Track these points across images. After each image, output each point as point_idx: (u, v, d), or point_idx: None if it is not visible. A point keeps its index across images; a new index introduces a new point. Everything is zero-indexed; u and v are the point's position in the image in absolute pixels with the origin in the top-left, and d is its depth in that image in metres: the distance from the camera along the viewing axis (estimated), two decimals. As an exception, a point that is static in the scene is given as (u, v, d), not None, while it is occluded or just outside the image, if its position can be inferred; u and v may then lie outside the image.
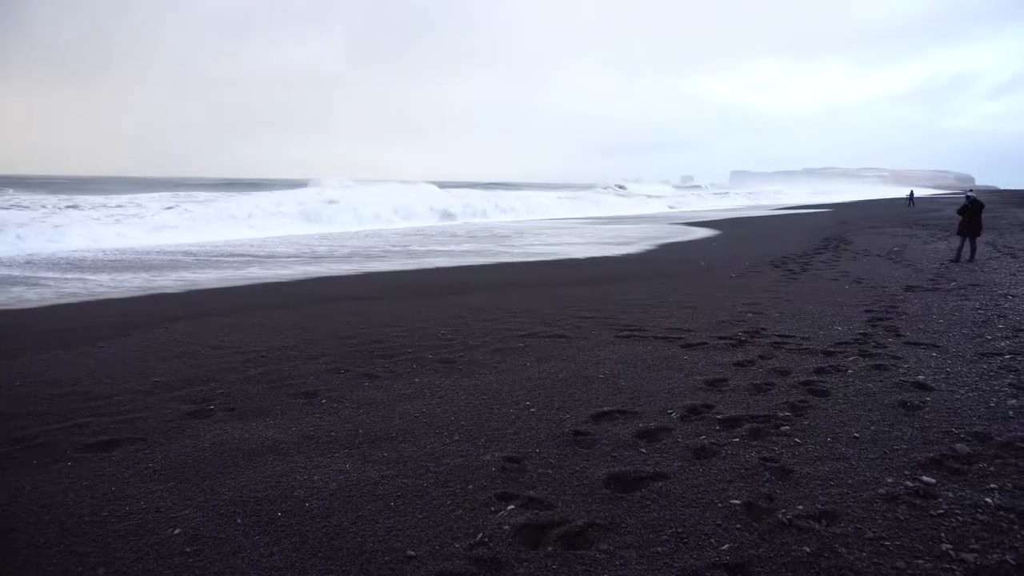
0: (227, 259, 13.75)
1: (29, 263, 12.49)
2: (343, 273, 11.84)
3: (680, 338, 6.42)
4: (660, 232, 22.15)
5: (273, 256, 14.22)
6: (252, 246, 16.26)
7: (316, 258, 14.06)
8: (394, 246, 16.61)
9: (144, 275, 11.44)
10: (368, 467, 3.63)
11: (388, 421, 4.31)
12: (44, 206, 24.50)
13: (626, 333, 6.66)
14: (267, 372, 5.36)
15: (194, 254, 14.28)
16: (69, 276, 11.18)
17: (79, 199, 28.87)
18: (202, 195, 34.10)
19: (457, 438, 4.02)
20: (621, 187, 65.41)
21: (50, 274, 11.31)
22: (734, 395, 4.73)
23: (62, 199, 29.03)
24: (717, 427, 4.14)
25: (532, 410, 4.46)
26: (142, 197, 31.19)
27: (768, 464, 3.61)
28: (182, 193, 35.83)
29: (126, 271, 11.84)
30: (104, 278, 11.07)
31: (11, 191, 37.39)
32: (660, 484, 3.41)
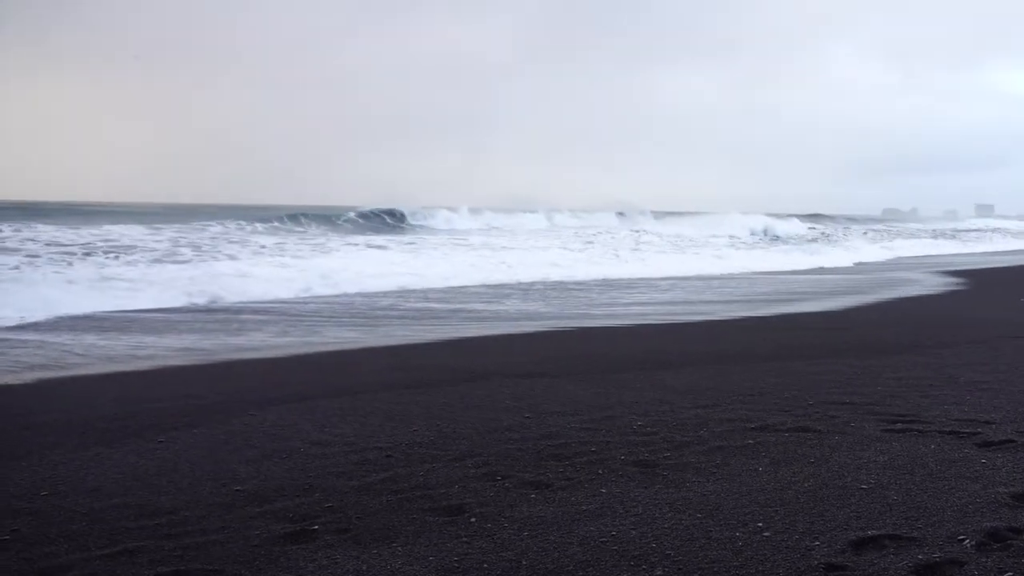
0: (349, 317, 14.06)
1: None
2: (497, 333, 11.92)
3: (975, 433, 6.01)
4: (944, 283, 21.13)
5: (409, 315, 14.46)
6: (378, 298, 16.59)
7: (464, 318, 14.22)
8: (573, 301, 16.60)
9: (224, 338, 11.64)
10: (535, 613, 3.45)
11: (563, 549, 4.15)
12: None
13: (899, 426, 6.29)
14: (393, 478, 5.29)
15: (300, 312, 14.67)
16: (120, 339, 11.45)
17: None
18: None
19: (660, 573, 3.83)
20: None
21: (94, 338, 11.51)
22: (1052, 514, 4.34)
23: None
24: (1029, 560, 3.79)
25: (766, 534, 4.24)
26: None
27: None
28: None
29: (199, 331, 11.88)
30: (169, 342, 11.35)
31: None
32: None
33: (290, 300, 16.73)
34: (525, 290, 19.77)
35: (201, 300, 16.16)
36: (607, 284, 21.77)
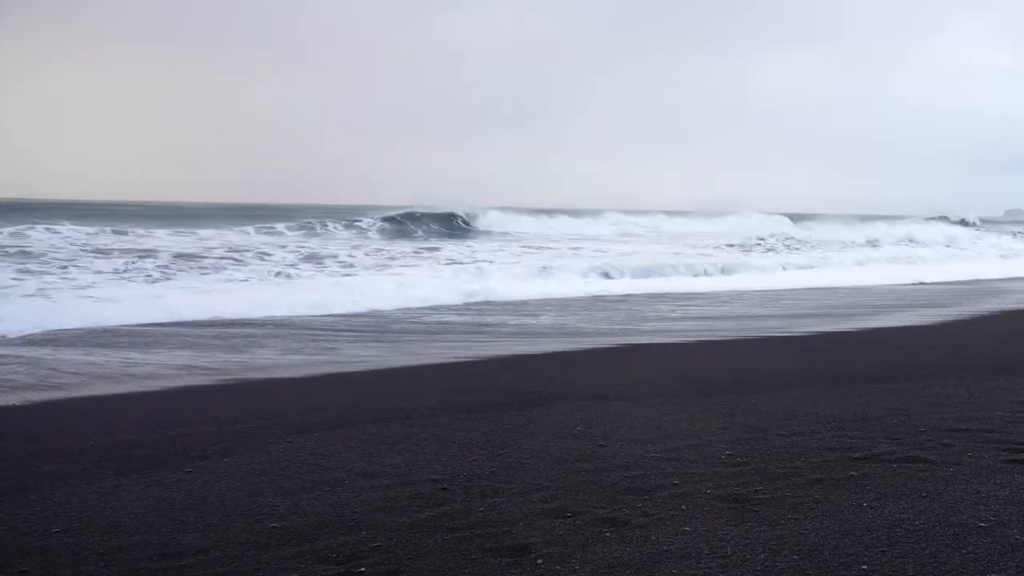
0: (393, 332, 13.77)
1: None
2: (565, 349, 11.80)
3: (1114, 465, 5.83)
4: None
5: (471, 328, 14.38)
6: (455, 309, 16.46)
7: (532, 333, 14.07)
8: (648, 313, 16.44)
9: (263, 353, 11.54)
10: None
11: (641, 594, 4.01)
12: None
13: (1022, 456, 6.16)
14: (449, 514, 5.20)
15: (356, 327, 14.60)
16: (145, 355, 11.37)
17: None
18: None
19: (750, 622, 3.67)
20: None
21: (103, 355, 11.37)
22: None
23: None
24: None
25: (871, 579, 4.11)
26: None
27: None
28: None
29: (232, 347, 11.62)
30: (187, 355, 11.22)
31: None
32: None
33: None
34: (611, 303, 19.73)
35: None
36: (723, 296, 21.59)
